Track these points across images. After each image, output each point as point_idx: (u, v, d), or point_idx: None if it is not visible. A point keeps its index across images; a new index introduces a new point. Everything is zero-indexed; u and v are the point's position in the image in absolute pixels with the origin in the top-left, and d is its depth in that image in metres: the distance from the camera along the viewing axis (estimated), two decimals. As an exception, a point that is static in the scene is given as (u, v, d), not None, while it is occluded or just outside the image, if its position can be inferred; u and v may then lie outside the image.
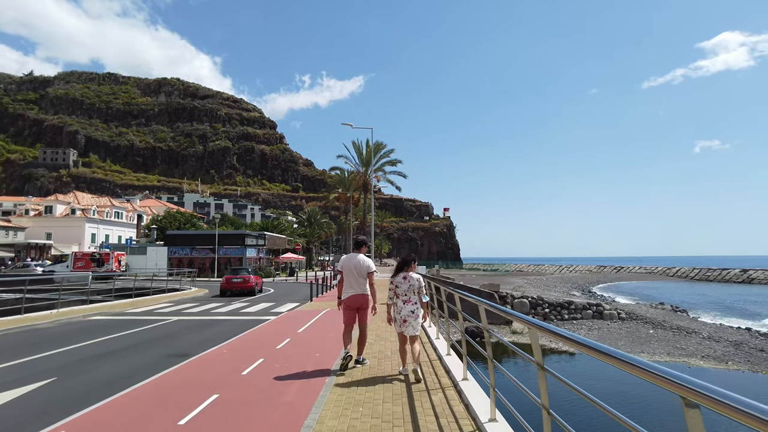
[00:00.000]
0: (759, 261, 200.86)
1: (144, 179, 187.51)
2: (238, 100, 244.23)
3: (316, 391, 6.07)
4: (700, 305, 40.32)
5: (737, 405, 1.42)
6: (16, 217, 62.55)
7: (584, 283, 72.17)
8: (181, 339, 11.41)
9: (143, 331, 12.65)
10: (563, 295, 45.14)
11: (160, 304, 19.97)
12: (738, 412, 1.41)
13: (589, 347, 2.43)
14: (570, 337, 2.72)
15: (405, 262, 7.05)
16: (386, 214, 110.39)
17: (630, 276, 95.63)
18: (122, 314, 16.62)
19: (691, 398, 1.65)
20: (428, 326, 11.32)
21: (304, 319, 13.97)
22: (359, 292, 7.23)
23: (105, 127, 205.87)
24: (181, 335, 12.01)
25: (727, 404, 1.46)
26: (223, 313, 16.81)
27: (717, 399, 1.51)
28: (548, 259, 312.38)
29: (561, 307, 29.64)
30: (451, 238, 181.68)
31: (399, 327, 6.77)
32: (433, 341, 9.48)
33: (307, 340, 10.19)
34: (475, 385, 5.96)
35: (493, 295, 30.98)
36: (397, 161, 45.19)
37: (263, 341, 10.13)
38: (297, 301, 20.96)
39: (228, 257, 47.51)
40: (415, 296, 6.79)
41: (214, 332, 12.44)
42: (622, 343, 23.46)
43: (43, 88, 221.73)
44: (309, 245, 79.73)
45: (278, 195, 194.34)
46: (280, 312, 16.87)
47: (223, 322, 14.46)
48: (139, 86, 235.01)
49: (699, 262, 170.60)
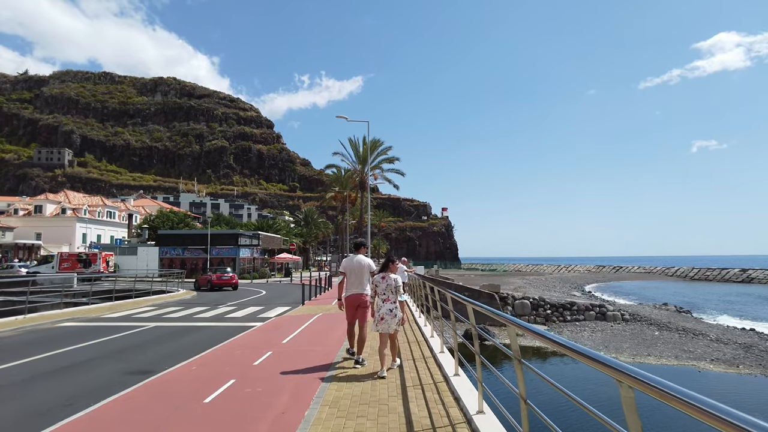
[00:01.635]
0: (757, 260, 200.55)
1: (140, 179, 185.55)
2: (235, 100, 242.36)
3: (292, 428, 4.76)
4: (703, 306, 39.57)
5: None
6: (4, 216, 60.97)
7: (583, 282, 71.78)
8: (151, 351, 10.10)
9: (111, 341, 11.33)
10: (564, 296, 44.13)
11: (141, 308, 18.63)
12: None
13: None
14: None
15: (385, 263, 7.37)
16: (384, 214, 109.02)
17: (629, 276, 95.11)
18: (97, 320, 15.29)
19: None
20: (423, 325, 11.46)
21: (292, 326, 12.66)
22: (359, 292, 7.56)
23: (101, 126, 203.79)
24: (151, 346, 10.70)
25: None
26: (206, 319, 15.49)
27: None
28: (546, 259, 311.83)
29: (563, 308, 28.87)
30: (450, 238, 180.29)
31: (376, 325, 6.94)
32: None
33: (290, 353, 8.88)
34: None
35: (494, 296, 30.04)
36: (395, 159, 43.85)
37: (240, 355, 8.82)
38: (288, 305, 19.64)
39: (221, 257, 46.12)
40: (394, 295, 7.01)
41: (189, 342, 11.14)
42: (627, 345, 22.83)
43: (38, 88, 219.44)
44: (306, 245, 78.33)
45: (275, 195, 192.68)
46: (267, 317, 15.55)
47: (203, 330, 13.15)
48: (135, 85, 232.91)
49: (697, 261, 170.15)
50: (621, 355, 20.18)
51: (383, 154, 43.76)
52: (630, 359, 20.00)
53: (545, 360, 18.99)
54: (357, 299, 7.57)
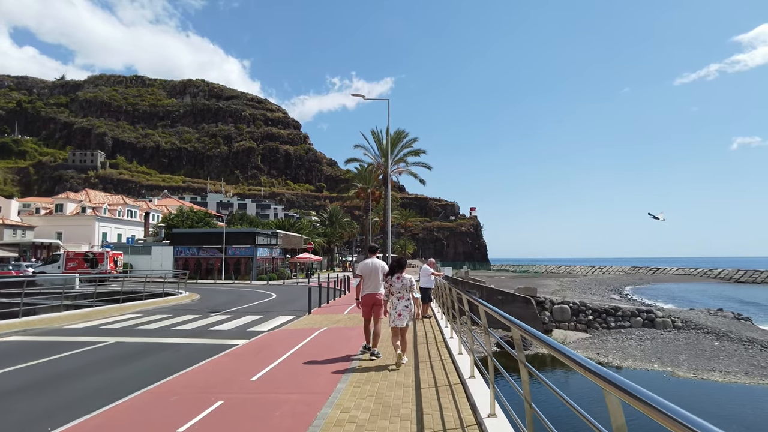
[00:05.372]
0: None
1: (170, 180, 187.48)
2: (263, 101, 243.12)
3: None
4: (762, 312, 35.94)
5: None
6: (26, 215, 60.46)
7: (620, 285, 68.90)
8: (77, 384, 7.27)
9: (40, 366, 8.56)
10: (604, 300, 40.42)
11: (119, 316, 15.93)
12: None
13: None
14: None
15: (399, 265, 7.87)
16: (410, 213, 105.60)
17: (667, 278, 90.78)
18: (55, 332, 12.62)
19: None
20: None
21: (281, 347, 9.61)
22: (374, 291, 8.06)
23: (131, 128, 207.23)
24: (86, 375, 7.87)
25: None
26: (182, 333, 12.60)
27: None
28: (578, 260, 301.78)
29: (606, 313, 26.84)
30: (478, 239, 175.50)
31: (392, 321, 7.64)
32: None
33: (250, 406, 5.76)
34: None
35: (530, 301, 27.85)
36: (421, 151, 40.38)
37: (189, 398, 5.83)
38: (293, 313, 16.65)
39: (237, 257, 43.70)
40: (408, 293, 7.73)
41: (138, 369, 8.26)
42: (684, 357, 19.51)
43: (74, 92, 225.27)
44: (330, 245, 75.70)
45: (302, 195, 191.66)
46: (260, 331, 12.56)
47: (168, 349, 10.25)
48: (164, 88, 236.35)
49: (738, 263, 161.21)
50: (678, 369, 17.81)
51: (408, 147, 40.43)
52: (690, 375, 17.21)
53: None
54: (372, 298, 8.08)
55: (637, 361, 19.61)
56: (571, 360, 2.31)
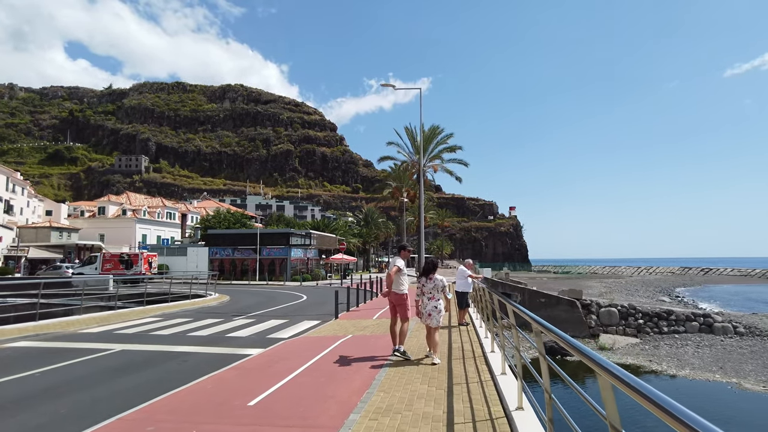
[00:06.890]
0: None
1: (210, 183, 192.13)
2: (300, 104, 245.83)
3: None
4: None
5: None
6: (73, 218, 62.41)
7: (669, 286, 65.28)
8: (49, 405, 6.24)
9: (31, 379, 7.73)
10: (654, 303, 37.70)
11: (139, 320, 15.21)
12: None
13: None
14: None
15: (430, 267, 7.98)
16: (447, 213, 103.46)
17: (721, 279, 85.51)
18: (67, 338, 11.91)
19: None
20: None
21: (297, 359, 8.41)
22: (395, 291, 8.13)
23: (174, 133, 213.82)
24: (68, 392, 6.87)
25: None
26: (197, 339, 11.63)
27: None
28: (621, 260, 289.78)
29: (658, 317, 25.25)
30: (518, 239, 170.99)
31: (424, 320, 7.84)
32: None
33: (254, 428, 4.55)
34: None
35: (575, 304, 26.47)
36: (457, 147, 38.69)
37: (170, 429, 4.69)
38: (319, 317, 15.49)
39: (271, 258, 43.23)
40: (439, 294, 7.88)
41: (129, 385, 7.22)
42: (751, 367, 17.80)
43: (120, 100, 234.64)
44: (366, 246, 74.80)
45: (339, 196, 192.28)
46: (279, 338, 11.44)
47: (176, 358, 9.24)
48: (205, 93, 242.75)
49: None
50: (745, 380, 16.24)
51: (443, 143, 38.89)
52: (759, 387, 15.42)
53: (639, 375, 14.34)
54: (393, 298, 8.15)
55: (696, 370, 17.78)
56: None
